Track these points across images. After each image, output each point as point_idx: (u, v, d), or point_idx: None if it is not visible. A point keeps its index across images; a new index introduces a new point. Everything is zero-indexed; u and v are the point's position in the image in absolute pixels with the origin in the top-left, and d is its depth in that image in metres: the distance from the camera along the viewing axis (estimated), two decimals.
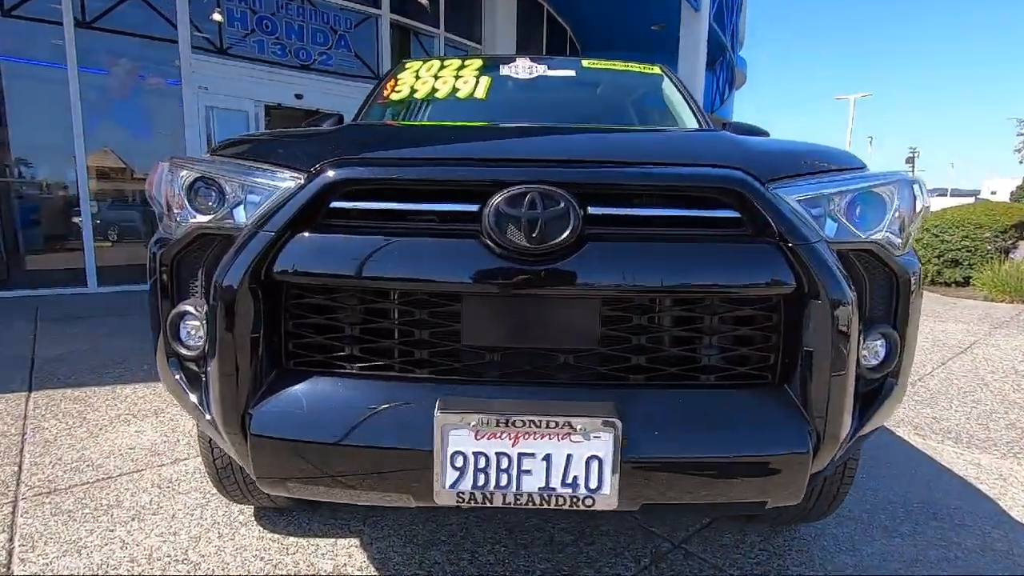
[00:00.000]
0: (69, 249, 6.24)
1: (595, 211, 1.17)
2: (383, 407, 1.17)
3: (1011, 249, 7.40)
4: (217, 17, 6.81)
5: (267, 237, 1.16)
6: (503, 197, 1.13)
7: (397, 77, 2.75)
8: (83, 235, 6.16)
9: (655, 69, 2.89)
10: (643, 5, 10.61)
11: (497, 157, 1.29)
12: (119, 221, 6.69)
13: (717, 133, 1.38)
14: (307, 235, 1.18)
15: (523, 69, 2.72)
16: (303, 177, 1.22)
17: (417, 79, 2.68)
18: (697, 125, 2.51)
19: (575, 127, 1.73)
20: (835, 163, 1.36)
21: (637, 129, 2.30)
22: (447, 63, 2.76)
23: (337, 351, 1.24)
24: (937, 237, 7.70)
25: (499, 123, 1.91)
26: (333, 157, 1.23)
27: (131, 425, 2.61)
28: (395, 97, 2.63)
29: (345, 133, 1.35)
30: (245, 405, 1.19)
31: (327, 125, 2.34)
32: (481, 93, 2.56)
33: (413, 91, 2.63)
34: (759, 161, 1.27)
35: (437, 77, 2.66)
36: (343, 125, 1.48)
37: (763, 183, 1.20)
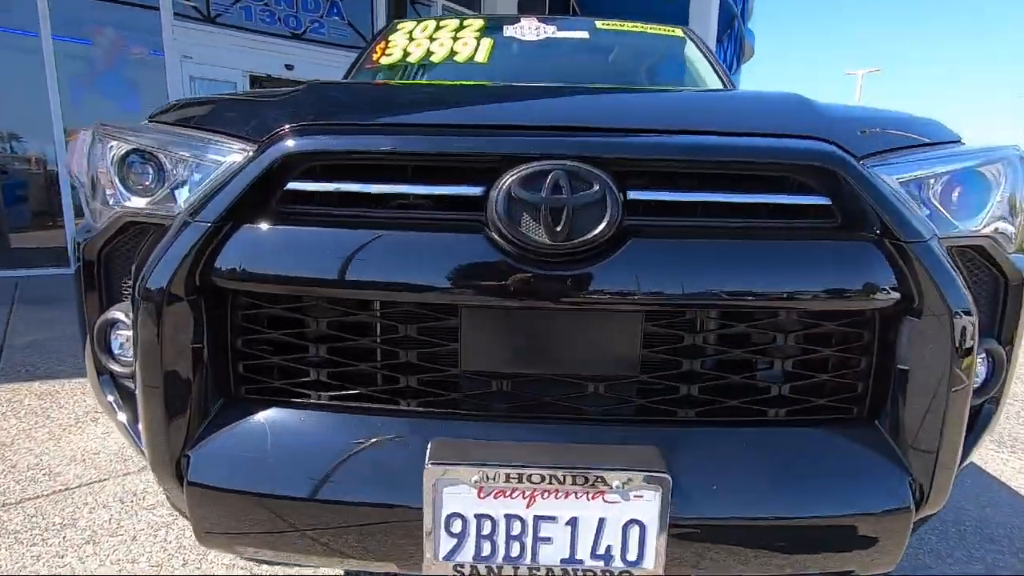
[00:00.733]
0: (52, 227, 6.10)
1: (639, 196, 0.89)
2: (358, 448, 0.91)
3: None
4: None
5: (201, 228, 0.89)
6: (516, 177, 0.86)
7: (388, 39, 2.47)
8: (63, 213, 6.00)
9: (676, 31, 2.61)
10: None
11: (507, 123, 0.98)
12: None
13: (786, 94, 1.08)
14: (255, 226, 0.91)
15: (529, 30, 2.44)
16: (252, 150, 0.94)
17: (410, 41, 2.40)
18: None
19: (607, 87, 1.40)
20: (927, 136, 1.08)
21: (689, 90, 1.99)
22: (443, 23, 2.47)
23: (300, 375, 0.98)
24: None
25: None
26: (291, 123, 0.94)
27: (98, 425, 2.42)
28: (385, 61, 2.34)
29: (310, 92, 1.05)
30: (183, 444, 0.94)
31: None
32: (482, 57, 2.28)
33: (406, 54, 2.35)
34: (846, 131, 0.97)
35: (432, 39, 2.38)
36: (310, 82, 1.16)
37: (858, 160, 0.91)
